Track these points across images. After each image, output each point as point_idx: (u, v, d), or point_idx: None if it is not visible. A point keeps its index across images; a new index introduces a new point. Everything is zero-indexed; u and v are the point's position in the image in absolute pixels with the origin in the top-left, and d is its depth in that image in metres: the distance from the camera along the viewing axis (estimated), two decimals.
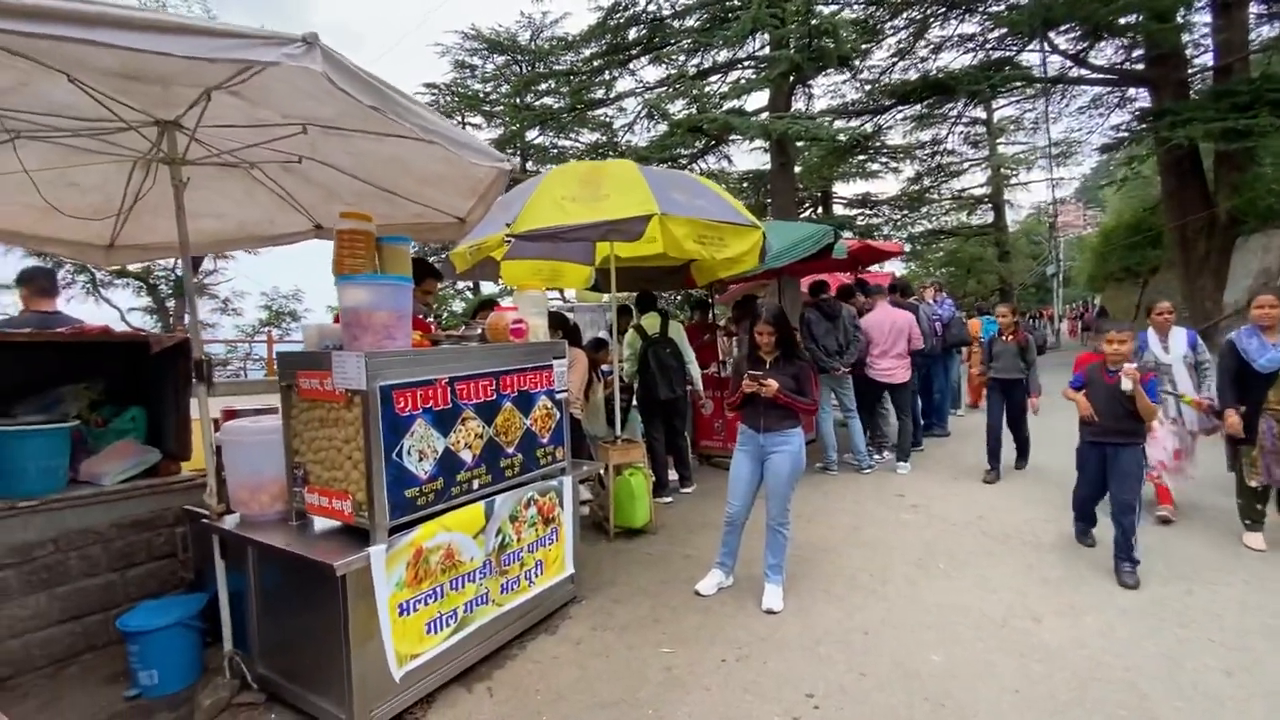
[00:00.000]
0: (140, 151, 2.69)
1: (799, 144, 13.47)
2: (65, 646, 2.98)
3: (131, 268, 16.50)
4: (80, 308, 17.66)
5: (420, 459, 2.40)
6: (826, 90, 15.36)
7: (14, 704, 2.70)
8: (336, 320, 3.58)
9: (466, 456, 2.62)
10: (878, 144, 16.92)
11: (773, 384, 3.18)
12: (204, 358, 2.74)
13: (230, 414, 3.49)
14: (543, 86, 16.08)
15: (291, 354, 2.50)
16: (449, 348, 2.72)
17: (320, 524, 2.58)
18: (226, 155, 2.92)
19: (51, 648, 2.94)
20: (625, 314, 6.26)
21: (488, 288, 16.55)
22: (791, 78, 11.66)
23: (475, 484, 2.68)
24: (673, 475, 5.61)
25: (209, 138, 2.77)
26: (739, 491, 3.41)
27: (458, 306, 19.85)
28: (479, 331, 3.13)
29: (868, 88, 15.02)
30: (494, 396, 2.77)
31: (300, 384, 2.45)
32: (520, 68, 18.18)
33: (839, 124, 14.58)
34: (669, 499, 5.35)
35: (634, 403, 5.54)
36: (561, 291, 12.24)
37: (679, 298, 15.67)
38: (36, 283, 4.07)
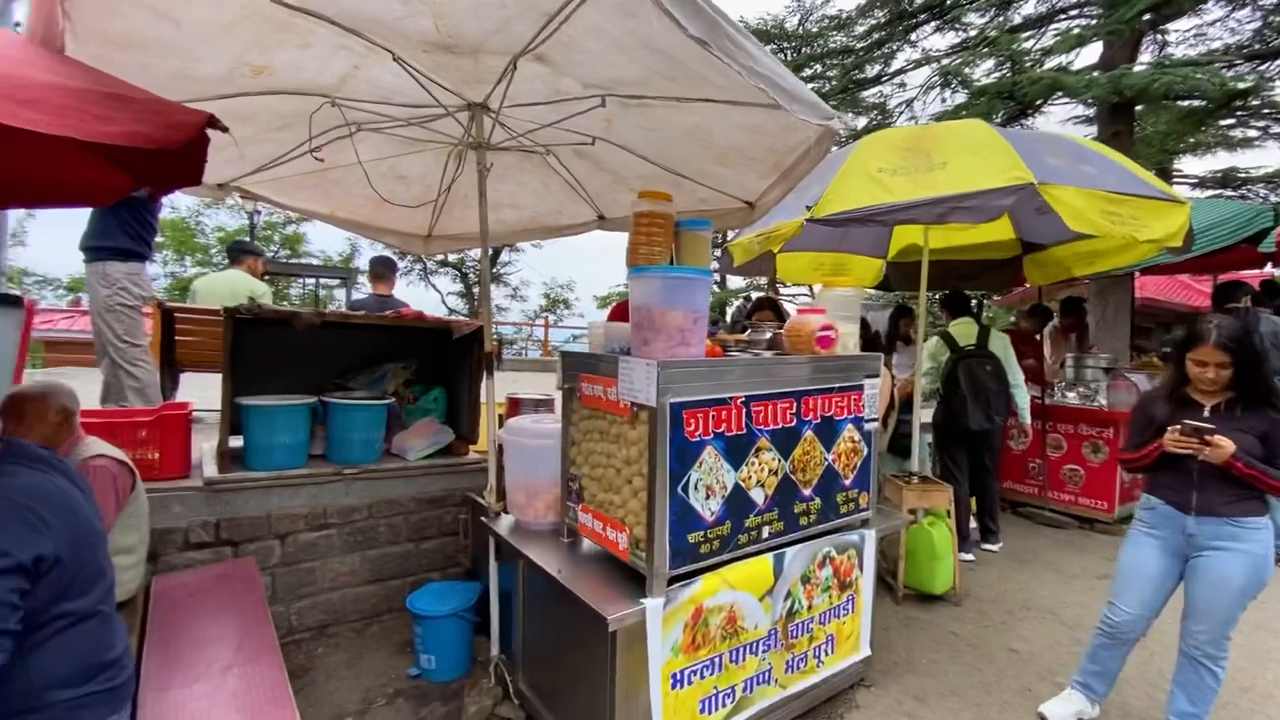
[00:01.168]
0: (454, 138, 2.68)
1: (1140, 107, 10.25)
2: (371, 605, 3.24)
3: (450, 257, 19.94)
4: (414, 292, 21.92)
5: (708, 496, 1.93)
6: (1183, 37, 11.47)
7: (330, 653, 2.96)
8: (615, 314, 3.36)
9: (758, 496, 2.08)
10: (1259, 101, 12.13)
11: (1227, 444, 2.04)
12: (494, 349, 2.65)
13: (514, 403, 3.51)
14: (807, 72, 15.09)
15: (575, 354, 2.23)
16: (742, 358, 2.20)
17: (591, 545, 2.30)
18: (524, 139, 2.81)
19: (361, 605, 3.22)
20: (903, 316, 5.20)
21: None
22: (1148, 17, 8.85)
23: (765, 532, 2.13)
24: (973, 525, 4.46)
25: (511, 121, 2.67)
26: (1138, 594, 2.32)
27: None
28: (766, 336, 2.58)
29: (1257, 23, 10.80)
30: (793, 423, 2.18)
31: (582, 389, 2.16)
32: (786, 54, 17.39)
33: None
34: (970, 556, 4.24)
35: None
36: (811, 288, 11.20)
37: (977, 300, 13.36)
38: (376, 269, 4.66)
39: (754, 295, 7.35)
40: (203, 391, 4.20)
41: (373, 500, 3.22)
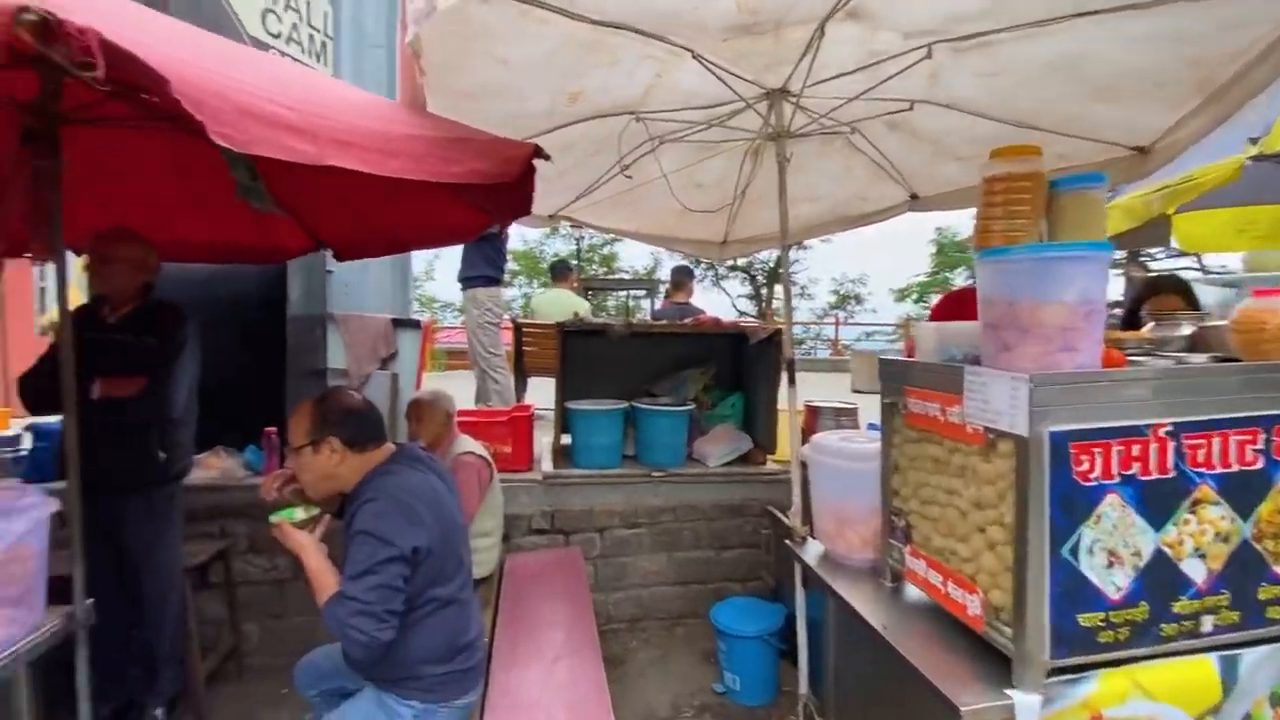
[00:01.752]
0: (752, 132, 2.53)
1: None
2: (676, 607, 3.31)
3: (739, 260, 20.42)
4: (706, 297, 23.04)
5: (1110, 564, 1.38)
6: None
7: (641, 648, 3.10)
8: (941, 311, 2.82)
9: (1195, 571, 1.43)
10: None
11: None
12: (793, 357, 2.42)
13: (812, 412, 3.23)
14: None
15: (899, 363, 1.86)
16: (1165, 367, 1.54)
17: (920, 594, 1.89)
18: (827, 119, 2.51)
19: (668, 604, 3.31)
20: None
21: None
22: None
23: (1206, 623, 1.45)
24: None
25: (812, 102, 2.40)
26: None
27: None
28: (1183, 333, 1.80)
29: None
30: (1259, 464, 1.45)
31: (909, 405, 1.77)
32: None
33: None
34: None
35: None
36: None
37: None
38: (676, 278, 4.84)
39: (1132, 274, 5.62)
40: (540, 393, 4.91)
41: (677, 503, 3.28)
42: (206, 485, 2.84)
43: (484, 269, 4.48)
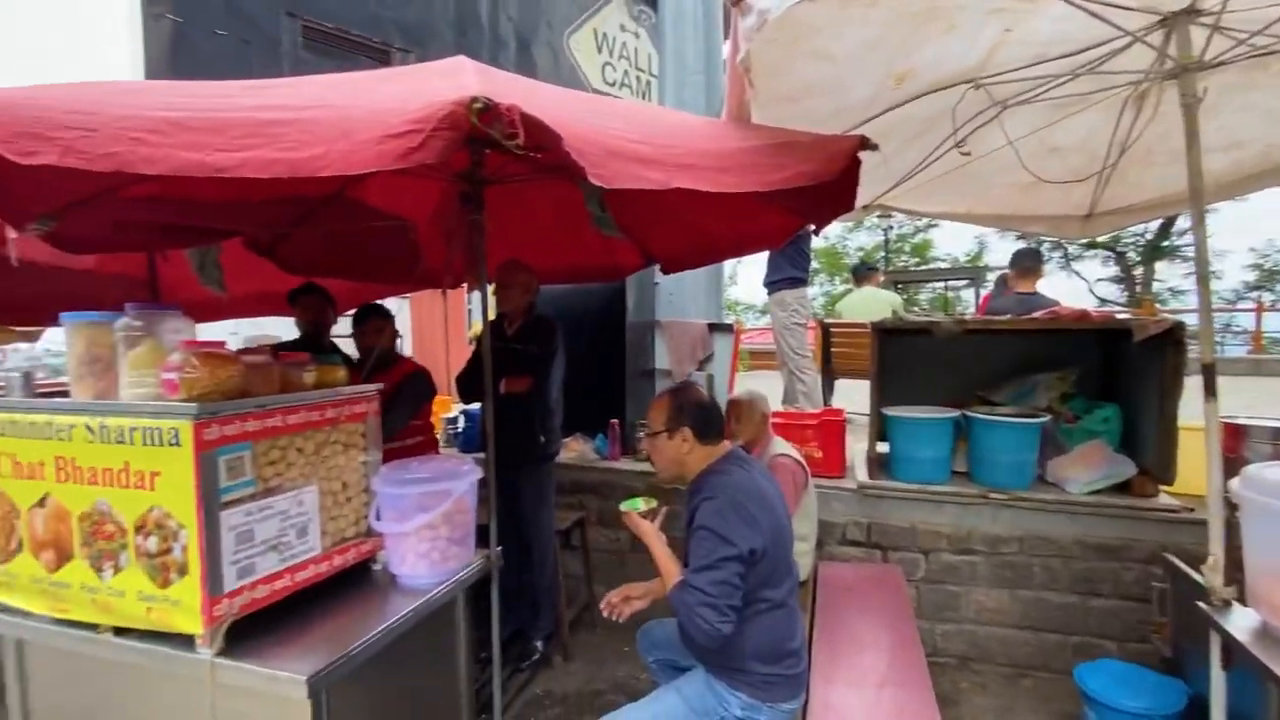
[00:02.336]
0: (1137, 73, 2.00)
1: None
2: (1023, 654, 2.81)
3: (1101, 237, 16.34)
4: (1050, 283, 19.05)
5: None
6: None
7: (975, 692, 2.71)
8: None
9: None
10: None
11: None
12: (1212, 360, 1.83)
13: (1234, 432, 2.40)
14: None
15: None
16: None
17: None
18: (1259, 37, 1.83)
19: (1010, 649, 2.83)
20: None
21: None
22: None
23: None
24: None
25: (1235, 18, 1.77)
26: None
27: None
28: None
29: None
30: None
31: None
32: None
33: None
34: None
35: None
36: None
37: None
38: (1022, 264, 4.10)
39: None
40: (848, 397, 4.70)
41: (1023, 533, 2.78)
42: (568, 464, 3.44)
43: (789, 270, 4.48)
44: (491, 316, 3.27)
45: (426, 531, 2.16)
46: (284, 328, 3.66)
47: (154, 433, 1.70)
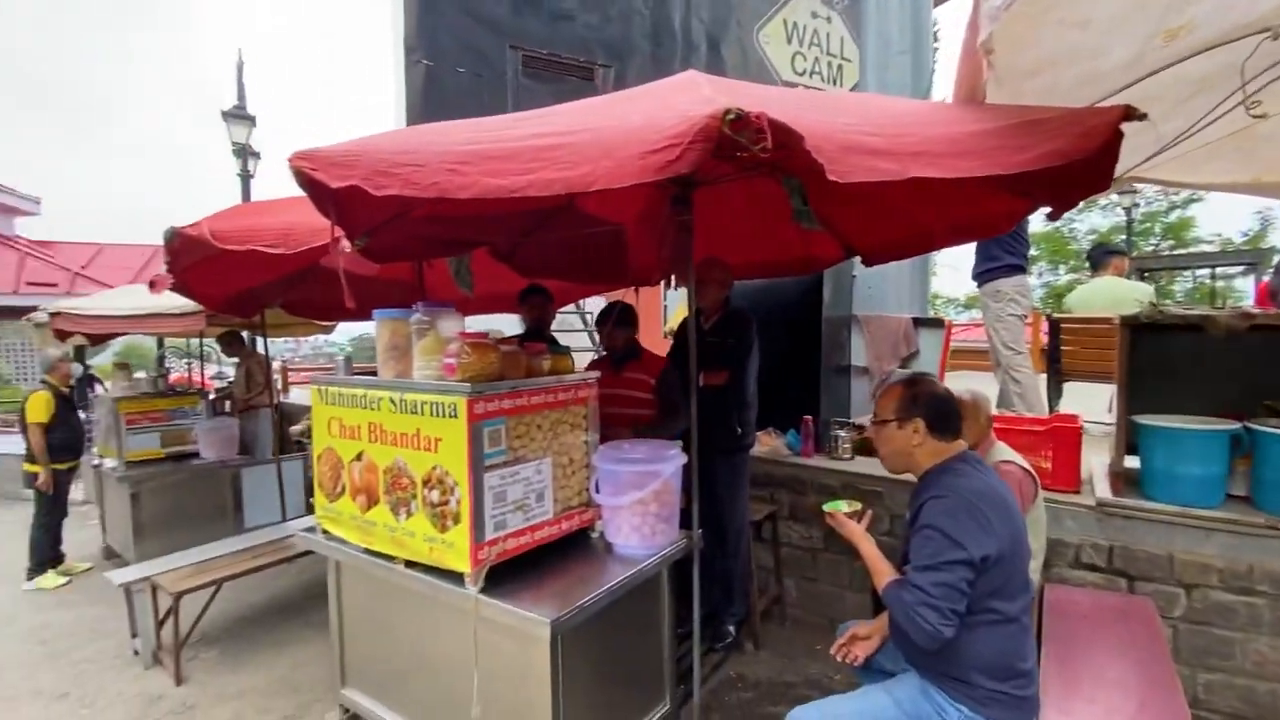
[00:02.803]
0: None
1: None
2: None
3: None
4: None
5: None
6: None
7: None
8: None
9: None
10: None
11: None
12: None
13: None
14: None
15: None
16: None
17: None
18: None
19: None
20: None
21: None
22: None
23: None
24: None
25: None
26: None
27: None
28: None
29: None
30: None
31: None
32: None
33: None
34: None
35: None
36: None
37: None
38: None
39: None
40: (1077, 403, 4.10)
41: None
42: (760, 458, 3.49)
43: (1006, 258, 4.03)
44: (686, 314, 3.47)
45: (638, 507, 2.37)
46: (503, 323, 4.20)
47: (439, 406, 2.10)
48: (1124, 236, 14.11)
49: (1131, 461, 2.73)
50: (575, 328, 6.65)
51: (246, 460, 5.17)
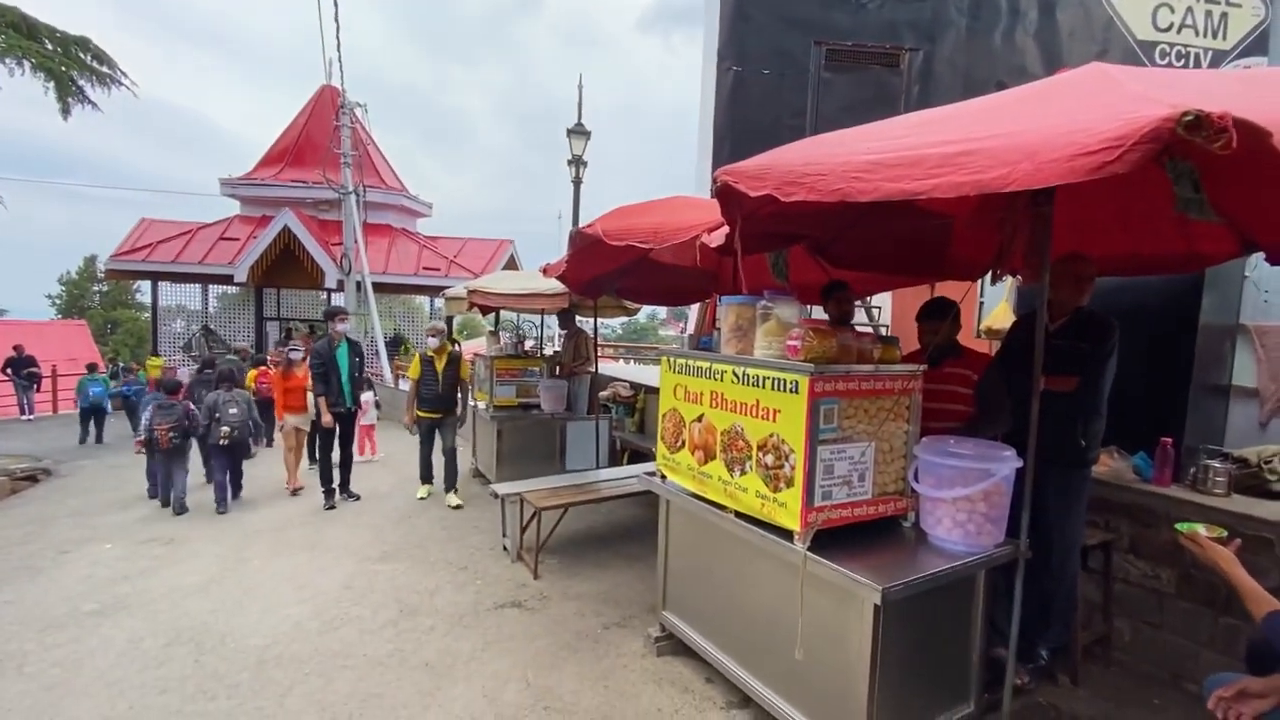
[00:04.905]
0: None
1: None
2: None
3: None
4: None
5: None
6: None
7: None
8: None
9: None
10: None
11: None
12: None
13: None
14: None
15: None
16: None
17: None
18: None
19: None
20: None
21: None
22: None
23: None
24: None
25: None
26: None
27: None
28: None
29: None
30: None
31: None
32: None
33: None
34: None
35: None
36: None
37: None
38: None
39: None
40: None
41: None
42: (1098, 479, 3.12)
43: None
44: (1013, 315, 3.21)
45: (964, 503, 2.37)
46: None
47: (780, 381, 2.40)
48: None
49: None
50: (859, 321, 6.56)
51: (571, 415, 6.30)
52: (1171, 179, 2.53)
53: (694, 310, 7.88)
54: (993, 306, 5.34)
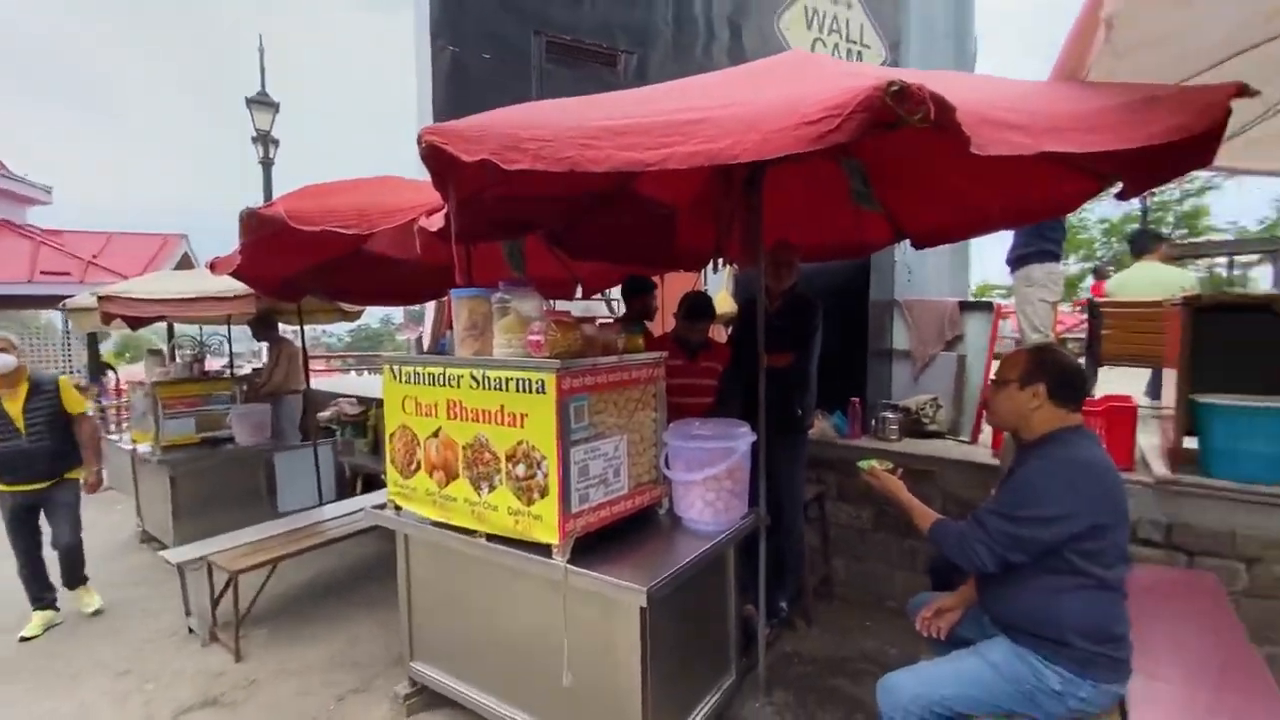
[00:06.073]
0: None
1: None
2: None
3: None
4: None
5: None
6: None
7: None
8: None
9: None
10: None
11: None
12: None
13: None
14: None
15: None
16: None
17: None
18: None
19: None
20: None
21: None
22: None
23: None
24: None
25: None
26: None
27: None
28: None
29: None
30: None
31: None
32: None
33: None
34: None
35: None
36: None
37: None
38: None
39: None
40: (1113, 385, 4.16)
41: None
42: (810, 440, 3.53)
43: (1042, 243, 4.06)
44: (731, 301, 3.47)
45: (713, 483, 2.41)
46: None
47: (525, 382, 2.13)
48: (1136, 225, 14.11)
49: (1191, 442, 2.77)
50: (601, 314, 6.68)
51: (279, 445, 5.20)
52: (846, 174, 2.89)
53: (430, 310, 7.22)
54: (715, 294, 5.84)
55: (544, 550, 2.15)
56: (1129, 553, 1.71)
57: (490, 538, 2.31)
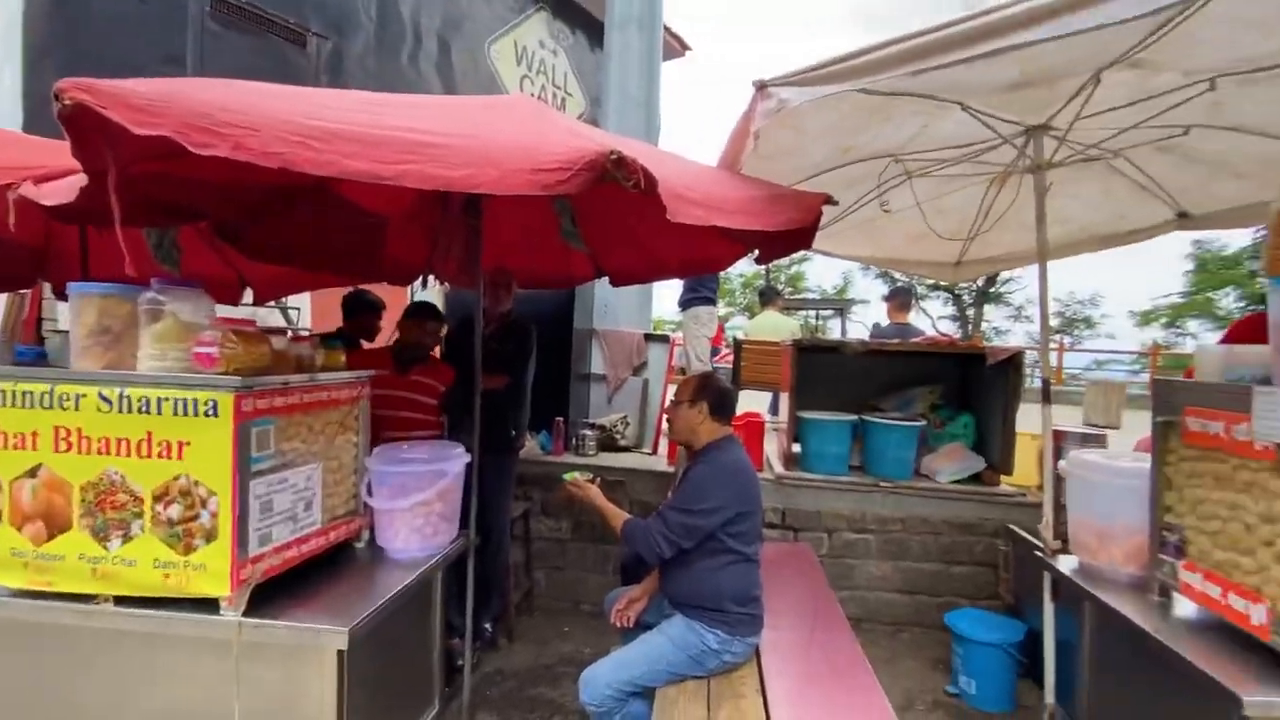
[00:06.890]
0: (1002, 165, 2.69)
1: None
2: (903, 614, 3.46)
3: (942, 282, 19.09)
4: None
5: None
6: None
7: (867, 646, 3.27)
8: (1234, 335, 2.68)
9: None
10: None
11: None
12: (1048, 377, 2.53)
13: (1059, 436, 3.20)
14: None
15: (1180, 384, 1.94)
16: None
17: (1190, 608, 1.93)
18: (1092, 150, 2.59)
19: (893, 610, 3.47)
20: None
21: None
22: None
23: None
24: None
25: (1077, 134, 2.50)
26: None
27: None
28: None
29: None
30: None
31: (1187, 424, 1.85)
32: None
33: None
34: None
35: None
36: None
37: None
38: (899, 299, 4.95)
39: None
40: (746, 405, 5.32)
41: (905, 515, 3.45)
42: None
43: (703, 290, 5.03)
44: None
45: (421, 509, 2.33)
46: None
47: (188, 403, 1.77)
48: (763, 282, 18.18)
49: (797, 447, 3.71)
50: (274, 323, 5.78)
51: None
52: (557, 213, 3.13)
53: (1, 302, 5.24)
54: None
55: (209, 604, 1.79)
56: (762, 533, 2.23)
57: (120, 600, 1.83)
